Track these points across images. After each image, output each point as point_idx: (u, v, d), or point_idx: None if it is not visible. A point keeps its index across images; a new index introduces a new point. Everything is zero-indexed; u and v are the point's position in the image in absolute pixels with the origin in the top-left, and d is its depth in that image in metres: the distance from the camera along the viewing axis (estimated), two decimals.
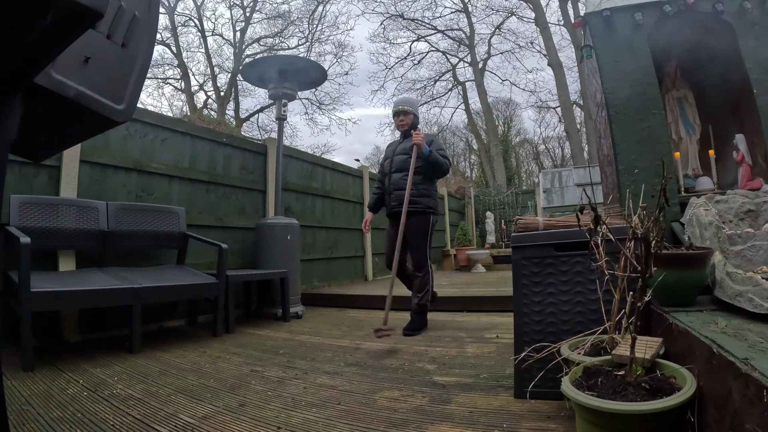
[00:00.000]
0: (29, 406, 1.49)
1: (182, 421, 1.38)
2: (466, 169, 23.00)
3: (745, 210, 1.69)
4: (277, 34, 18.21)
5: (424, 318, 2.92)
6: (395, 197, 2.92)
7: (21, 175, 2.56)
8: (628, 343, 1.04)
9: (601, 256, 1.28)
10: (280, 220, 3.73)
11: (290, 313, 3.50)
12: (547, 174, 10.46)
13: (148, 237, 3.03)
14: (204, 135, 3.81)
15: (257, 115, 18.76)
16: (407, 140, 2.98)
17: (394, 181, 2.95)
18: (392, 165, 3.00)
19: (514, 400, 1.49)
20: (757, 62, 2.00)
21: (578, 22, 2.31)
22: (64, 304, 2.23)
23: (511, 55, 18.41)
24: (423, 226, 2.88)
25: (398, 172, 2.96)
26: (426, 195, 2.91)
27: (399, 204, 2.85)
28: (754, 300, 1.11)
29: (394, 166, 2.99)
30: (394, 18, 18.19)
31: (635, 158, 2.04)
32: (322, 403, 1.54)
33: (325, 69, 4.07)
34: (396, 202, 2.90)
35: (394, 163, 3.00)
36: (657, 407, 0.86)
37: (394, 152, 3.05)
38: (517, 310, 1.59)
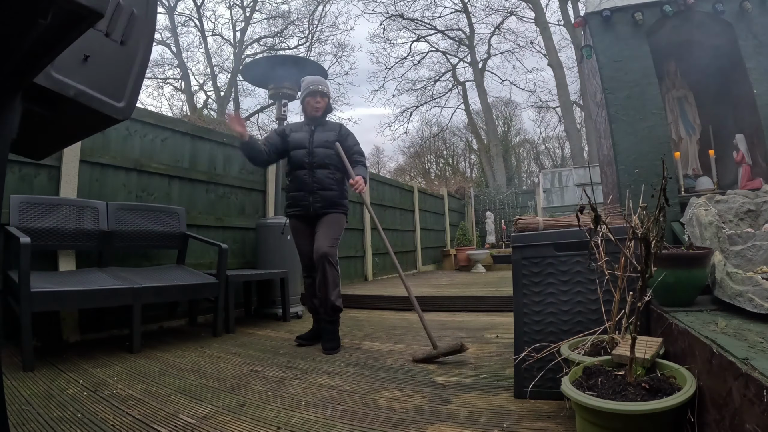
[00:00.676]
0: (29, 406, 1.49)
1: (182, 421, 1.38)
2: (466, 169, 23.01)
3: (745, 210, 1.69)
4: (277, 34, 18.22)
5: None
6: (320, 198, 2.56)
7: (21, 175, 2.56)
8: (628, 343, 1.04)
9: (601, 256, 1.28)
10: (280, 220, 3.72)
11: (290, 313, 3.50)
12: (547, 174, 10.46)
13: (148, 237, 3.03)
14: (204, 135, 3.81)
15: (257, 115, 18.76)
16: (323, 130, 2.65)
17: (320, 180, 2.57)
18: (313, 158, 2.59)
19: (514, 400, 1.49)
20: (757, 62, 2.00)
21: (578, 22, 2.31)
22: (64, 304, 2.23)
23: (511, 55, 18.42)
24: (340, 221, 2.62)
25: (323, 169, 2.59)
26: (345, 196, 2.70)
27: (324, 206, 2.56)
28: (754, 300, 1.11)
29: (315, 160, 2.58)
30: (394, 18, 18.20)
31: (635, 158, 2.04)
32: (322, 403, 1.54)
33: (325, 69, 4.07)
34: (320, 204, 2.56)
35: (315, 157, 2.59)
36: (657, 407, 0.86)
37: (311, 142, 2.61)
38: (517, 310, 1.59)
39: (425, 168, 23.45)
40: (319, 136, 2.63)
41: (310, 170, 2.58)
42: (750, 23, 2.05)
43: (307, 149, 2.61)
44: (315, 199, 2.57)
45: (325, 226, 2.57)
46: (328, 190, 2.58)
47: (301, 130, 2.68)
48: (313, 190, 2.57)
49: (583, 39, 2.45)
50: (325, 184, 2.58)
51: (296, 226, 2.67)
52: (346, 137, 2.67)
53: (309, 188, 2.58)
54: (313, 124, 2.69)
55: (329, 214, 2.59)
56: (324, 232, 2.54)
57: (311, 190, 2.57)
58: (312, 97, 2.67)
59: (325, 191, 2.58)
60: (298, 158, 2.62)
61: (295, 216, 2.65)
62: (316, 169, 2.58)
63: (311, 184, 2.57)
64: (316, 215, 2.59)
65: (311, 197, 2.57)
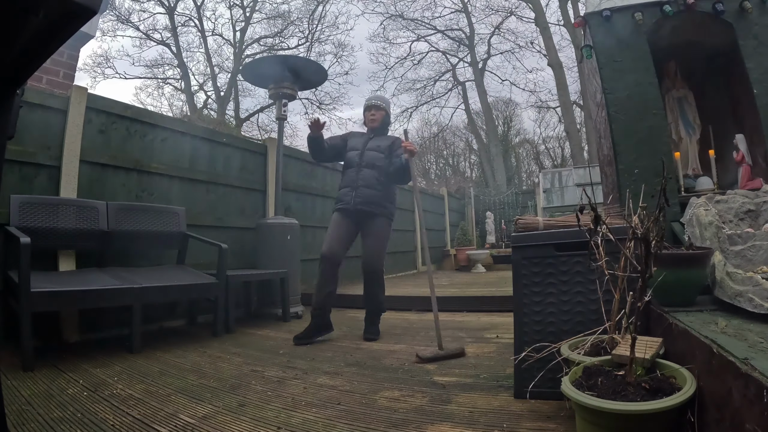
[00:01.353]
0: (29, 406, 1.49)
1: (182, 421, 1.38)
2: (466, 169, 23.03)
3: (745, 210, 1.69)
4: (277, 34, 18.22)
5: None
6: (363, 195, 2.69)
7: (21, 175, 2.56)
8: (628, 343, 1.04)
9: (601, 256, 1.28)
10: (280, 220, 3.73)
11: (290, 313, 3.50)
12: (547, 174, 10.46)
13: (148, 237, 3.03)
14: (204, 135, 3.81)
15: (257, 115, 18.75)
16: (379, 137, 2.85)
17: (366, 178, 2.70)
18: (362, 158, 2.76)
19: (514, 400, 1.49)
20: (757, 62, 2.00)
21: (578, 22, 2.31)
22: (64, 304, 2.23)
23: (511, 55, 18.41)
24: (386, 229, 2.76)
25: (370, 169, 2.72)
26: (390, 200, 2.79)
27: (365, 203, 2.68)
28: (754, 300, 1.11)
29: (365, 160, 2.74)
30: (394, 18, 18.20)
31: (635, 158, 2.04)
32: (322, 403, 1.54)
33: (325, 69, 4.07)
34: (362, 200, 2.68)
35: (365, 157, 2.75)
36: (657, 407, 0.86)
37: (364, 146, 2.80)
38: (517, 310, 1.59)
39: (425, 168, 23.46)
40: (374, 143, 2.82)
41: (358, 168, 2.74)
42: (750, 23, 2.05)
43: (359, 151, 2.79)
44: (357, 195, 2.68)
45: (374, 238, 2.70)
46: (371, 188, 2.68)
47: (360, 137, 2.90)
48: (358, 187, 2.69)
49: (583, 39, 2.44)
50: (370, 183, 2.69)
51: (337, 218, 2.75)
52: (398, 147, 2.76)
53: (354, 185, 2.71)
54: (372, 134, 2.89)
55: (374, 219, 2.68)
56: (373, 244, 2.69)
57: (356, 186, 2.70)
58: (368, 111, 2.90)
59: (368, 189, 2.68)
60: (350, 158, 2.80)
61: (338, 210, 2.76)
62: (364, 168, 2.72)
63: (357, 180, 2.71)
64: (358, 212, 2.68)
65: (354, 193, 2.69)
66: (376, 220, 2.69)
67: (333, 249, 2.65)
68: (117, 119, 3.10)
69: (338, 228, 2.71)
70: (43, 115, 2.68)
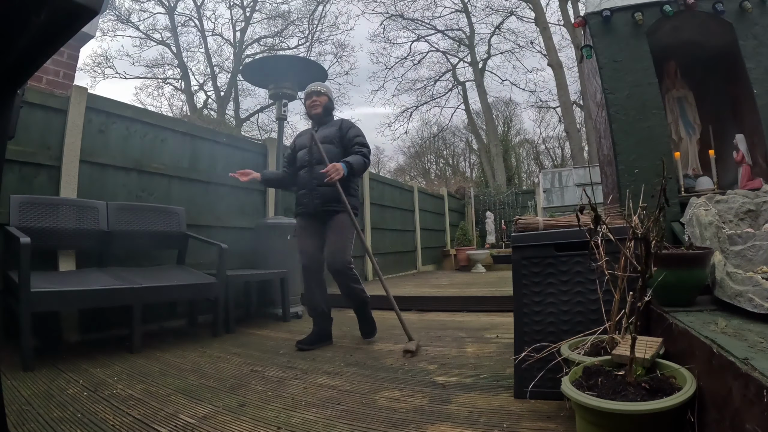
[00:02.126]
0: (29, 406, 1.49)
1: (182, 421, 1.38)
2: (466, 169, 23.02)
3: (745, 210, 1.69)
4: (277, 34, 18.22)
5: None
6: (320, 195, 2.50)
7: (21, 175, 2.56)
8: (628, 343, 1.04)
9: (601, 256, 1.28)
10: (280, 220, 3.73)
11: (290, 313, 3.50)
12: (547, 174, 10.46)
13: (148, 237, 3.02)
14: (204, 135, 3.81)
15: (257, 115, 18.77)
16: (325, 126, 2.66)
17: (319, 176, 2.44)
18: (312, 155, 2.57)
19: (514, 400, 1.49)
20: (757, 62, 2.00)
21: (578, 22, 2.31)
22: (64, 304, 2.23)
23: (511, 55, 18.44)
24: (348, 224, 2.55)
25: (322, 165, 2.48)
26: (353, 194, 2.61)
27: (325, 203, 2.50)
28: (754, 300, 1.11)
29: (314, 156, 2.56)
30: (394, 18, 18.21)
31: (635, 158, 2.04)
32: (322, 403, 1.54)
33: (325, 69, 4.07)
34: (320, 200, 2.50)
35: (314, 154, 2.56)
36: (657, 407, 0.86)
37: (311, 140, 2.58)
38: (517, 310, 1.59)
39: (425, 168, 23.46)
40: (321, 133, 2.61)
41: (310, 167, 2.56)
42: (750, 23, 2.05)
43: (307, 147, 2.60)
44: (314, 196, 2.52)
45: (331, 233, 2.52)
46: (328, 186, 2.47)
47: (305, 134, 2.70)
48: (313, 187, 2.52)
49: (583, 39, 2.44)
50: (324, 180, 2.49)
51: (301, 224, 2.63)
52: (347, 130, 2.61)
53: (309, 186, 2.55)
54: (316, 125, 2.70)
55: (334, 216, 2.52)
56: (333, 240, 2.50)
57: (311, 187, 2.53)
58: (307, 99, 2.69)
59: (324, 188, 2.48)
60: (300, 159, 2.64)
61: (299, 214, 2.63)
62: (315, 166, 2.53)
63: (310, 181, 2.54)
64: (319, 213, 2.53)
65: (311, 194, 2.54)
66: (335, 216, 2.53)
67: (311, 257, 2.55)
68: (117, 119, 3.10)
69: (307, 234, 2.59)
70: (43, 115, 2.68)
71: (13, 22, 0.56)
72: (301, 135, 2.76)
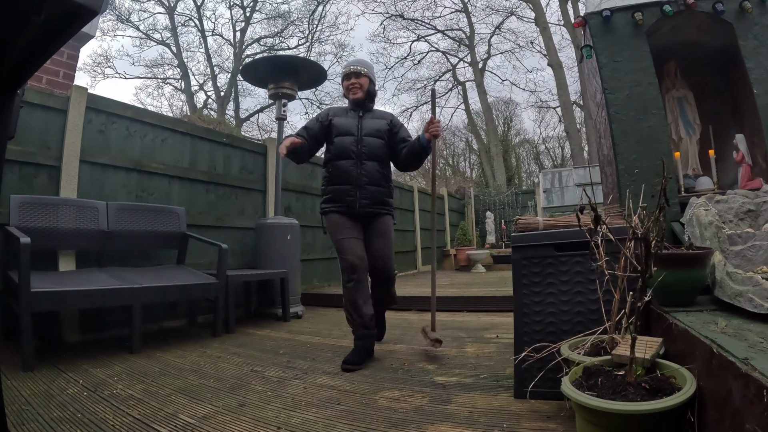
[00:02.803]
0: (29, 406, 1.49)
1: (182, 421, 1.38)
2: (466, 169, 23.02)
3: (745, 210, 1.69)
4: (277, 34, 18.22)
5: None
6: (368, 194, 2.24)
7: (21, 175, 2.56)
8: (628, 343, 1.04)
9: (601, 256, 1.28)
10: (280, 220, 3.73)
11: (290, 313, 3.50)
12: (547, 174, 10.46)
13: (148, 237, 3.03)
14: (204, 135, 3.81)
15: (257, 115, 18.77)
16: (372, 117, 2.36)
17: (369, 173, 2.24)
18: (362, 147, 2.26)
19: (514, 400, 1.49)
20: (757, 62, 2.00)
21: (578, 22, 2.31)
22: (64, 304, 2.23)
23: (511, 55, 18.44)
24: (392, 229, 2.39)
25: (373, 161, 2.26)
26: (392, 196, 2.41)
27: (373, 204, 2.26)
28: (754, 300, 1.11)
29: (365, 150, 2.26)
30: (394, 18, 18.20)
31: (635, 158, 2.04)
32: (322, 403, 1.54)
33: (325, 69, 4.07)
34: (368, 201, 2.24)
35: (365, 146, 2.26)
36: (657, 407, 0.86)
37: (360, 128, 2.29)
38: (517, 310, 1.59)
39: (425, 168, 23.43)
40: (369, 124, 2.32)
41: (358, 161, 2.24)
42: (750, 23, 2.05)
43: (355, 137, 2.27)
44: (363, 195, 2.23)
45: (383, 237, 2.30)
46: (377, 186, 2.27)
47: (347, 116, 2.34)
48: (361, 185, 2.23)
49: (583, 39, 2.44)
50: (375, 179, 2.26)
51: (338, 220, 2.26)
52: (398, 128, 2.37)
53: (356, 181, 2.23)
54: (359, 110, 2.36)
55: (381, 218, 2.31)
56: (383, 245, 2.29)
57: (358, 184, 2.23)
58: (346, 79, 2.35)
59: (373, 187, 2.25)
60: (343, 146, 2.27)
61: (337, 212, 2.27)
62: (366, 161, 2.25)
63: (359, 177, 2.23)
64: (362, 214, 2.26)
65: (358, 192, 2.23)
66: (384, 218, 2.32)
67: (362, 258, 2.20)
68: (117, 119, 3.10)
69: (347, 231, 2.24)
70: (43, 115, 2.68)
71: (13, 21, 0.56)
72: (340, 114, 2.36)
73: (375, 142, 2.29)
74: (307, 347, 2.49)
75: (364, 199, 2.23)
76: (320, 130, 2.33)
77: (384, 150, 2.32)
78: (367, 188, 2.24)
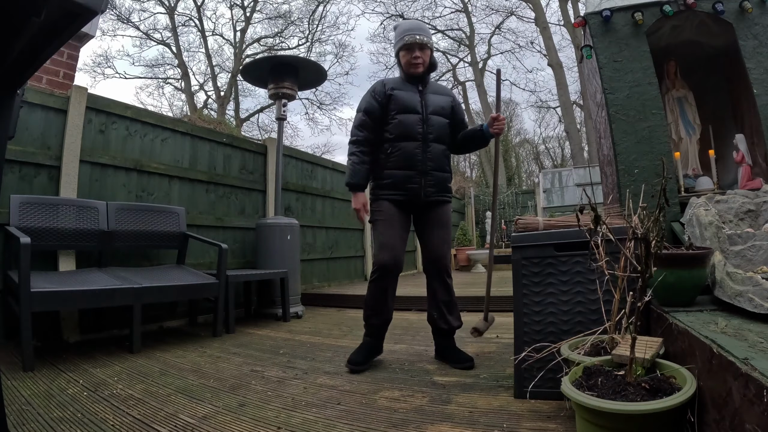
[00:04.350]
0: (29, 406, 1.49)
1: (182, 421, 1.38)
2: (466, 169, 23.00)
3: (745, 210, 1.69)
4: (278, 34, 18.23)
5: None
6: (434, 181, 2.04)
7: (21, 175, 2.56)
8: (628, 343, 1.04)
9: (601, 256, 1.28)
10: (280, 220, 3.73)
11: (290, 313, 3.50)
12: (547, 174, 10.46)
13: (148, 237, 3.03)
14: (204, 135, 3.81)
15: (257, 115, 18.78)
16: (435, 93, 2.12)
17: (436, 157, 2.03)
18: (428, 128, 2.02)
19: (514, 400, 1.49)
20: (757, 62, 2.00)
21: (578, 22, 2.31)
22: (64, 304, 2.23)
23: (511, 55, 18.46)
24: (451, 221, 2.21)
25: (439, 143, 2.05)
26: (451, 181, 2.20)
27: (439, 191, 2.07)
28: (754, 300, 1.11)
29: (432, 130, 2.02)
30: (394, 18, 18.19)
31: (635, 158, 2.04)
32: (322, 403, 1.54)
33: (325, 69, 4.07)
34: (434, 188, 2.05)
35: (431, 126, 2.02)
36: (657, 407, 0.86)
37: (425, 106, 2.04)
38: (517, 310, 1.59)
39: None
40: (434, 101, 2.08)
41: (424, 143, 2.01)
42: (750, 23, 2.05)
43: (420, 115, 2.02)
44: (428, 182, 2.02)
45: (441, 227, 2.11)
46: (443, 171, 2.07)
47: (407, 90, 2.07)
48: (427, 171, 2.01)
49: (583, 39, 2.44)
50: (441, 163, 2.06)
51: (392, 212, 2.04)
52: (459, 107, 2.19)
53: (422, 167, 2.01)
54: (418, 84, 2.10)
55: (444, 207, 2.12)
56: (442, 235, 2.10)
57: (424, 170, 2.01)
58: (407, 51, 2.04)
59: (439, 173, 2.05)
60: (408, 125, 2.01)
61: (394, 201, 2.04)
62: (432, 143, 2.02)
63: (424, 162, 2.01)
64: (424, 202, 2.06)
65: (423, 179, 2.01)
66: (446, 207, 2.13)
67: (398, 257, 2.02)
68: (117, 119, 3.10)
69: (397, 226, 2.04)
70: (43, 115, 2.68)
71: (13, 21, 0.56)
72: (398, 86, 2.08)
73: (441, 121, 2.07)
74: (307, 347, 2.49)
75: (429, 187, 2.03)
76: (381, 112, 2.06)
77: (447, 131, 2.10)
78: (434, 174, 2.03)
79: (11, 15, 0.55)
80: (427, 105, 2.05)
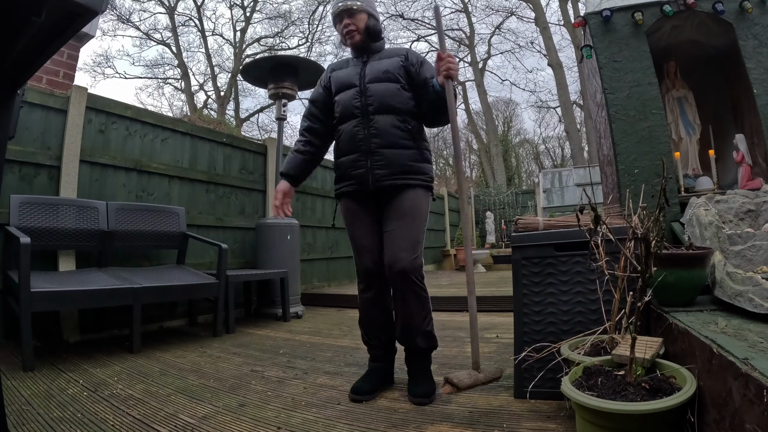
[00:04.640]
0: (29, 406, 1.49)
1: (182, 421, 1.38)
2: (466, 168, 23.01)
3: (745, 210, 1.69)
4: (278, 34, 18.23)
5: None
6: (384, 160, 1.62)
7: (21, 175, 2.56)
8: (628, 343, 1.04)
9: (601, 256, 1.28)
10: (280, 220, 3.73)
11: (290, 313, 3.50)
12: (547, 174, 10.46)
13: (148, 237, 3.03)
14: (204, 135, 3.81)
15: (257, 115, 18.79)
16: (379, 57, 1.76)
17: (382, 130, 1.63)
18: (367, 98, 1.66)
19: (514, 400, 1.49)
20: (757, 62, 2.00)
21: (578, 22, 2.31)
22: (64, 304, 2.23)
23: (511, 55, 18.50)
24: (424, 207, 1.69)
25: (386, 114, 1.64)
26: (428, 160, 1.75)
27: (391, 174, 1.62)
28: (754, 300, 1.11)
29: (372, 100, 1.65)
30: (394, 18, 18.21)
31: (635, 158, 2.04)
32: (322, 403, 1.54)
33: (325, 69, 4.07)
34: (384, 170, 1.62)
35: (371, 95, 1.66)
36: (657, 407, 0.86)
37: (362, 76, 1.70)
38: (517, 310, 1.59)
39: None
40: (374, 67, 1.72)
41: (364, 118, 1.65)
42: (750, 23, 2.05)
43: (357, 87, 1.69)
44: (375, 163, 1.62)
45: (398, 219, 1.63)
46: (396, 147, 1.63)
47: (349, 66, 1.79)
48: (371, 149, 1.63)
49: (583, 39, 2.44)
50: (392, 138, 1.63)
51: (353, 209, 1.73)
52: (420, 65, 1.75)
53: (365, 146, 1.64)
54: (363, 55, 1.78)
55: (402, 192, 1.64)
56: (399, 231, 1.61)
57: (368, 149, 1.63)
58: (338, 22, 1.77)
59: (390, 149, 1.63)
60: (345, 103, 1.70)
61: (349, 194, 1.72)
62: (374, 115, 1.64)
63: (367, 138, 1.64)
64: (378, 191, 1.65)
65: (369, 160, 1.63)
66: (406, 193, 1.64)
67: (374, 258, 1.67)
68: (117, 119, 3.10)
69: (365, 223, 1.70)
70: (43, 115, 2.68)
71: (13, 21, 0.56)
72: (341, 67, 1.82)
73: (384, 88, 1.67)
74: (307, 347, 2.49)
75: (378, 169, 1.62)
76: (328, 98, 1.80)
77: (401, 97, 1.68)
78: (382, 153, 1.62)
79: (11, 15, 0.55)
80: (365, 75, 1.71)
